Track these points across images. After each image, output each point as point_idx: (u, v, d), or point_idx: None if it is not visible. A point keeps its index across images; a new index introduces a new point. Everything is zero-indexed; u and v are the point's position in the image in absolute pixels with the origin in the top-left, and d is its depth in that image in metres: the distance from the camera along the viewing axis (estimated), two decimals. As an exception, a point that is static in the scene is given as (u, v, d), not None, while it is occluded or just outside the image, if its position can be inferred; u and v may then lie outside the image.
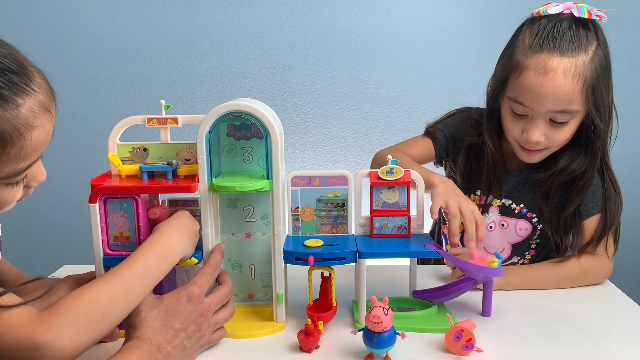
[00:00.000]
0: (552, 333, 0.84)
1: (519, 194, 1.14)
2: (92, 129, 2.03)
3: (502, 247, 1.17)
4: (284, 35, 1.97)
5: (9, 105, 0.59)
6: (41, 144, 0.65)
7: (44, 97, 0.64)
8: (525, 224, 1.14)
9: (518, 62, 0.99)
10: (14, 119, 0.60)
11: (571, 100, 0.96)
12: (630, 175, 2.03)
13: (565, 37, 0.95)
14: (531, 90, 0.96)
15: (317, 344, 0.79)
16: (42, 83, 0.64)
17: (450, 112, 1.21)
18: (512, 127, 1.04)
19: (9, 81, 0.60)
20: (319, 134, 2.04)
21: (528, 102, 0.98)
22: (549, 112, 0.97)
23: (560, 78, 0.94)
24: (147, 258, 0.72)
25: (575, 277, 1.03)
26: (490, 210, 1.15)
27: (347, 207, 0.89)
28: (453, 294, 0.91)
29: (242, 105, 0.80)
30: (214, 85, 2.01)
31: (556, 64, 0.95)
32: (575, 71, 0.95)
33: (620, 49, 1.94)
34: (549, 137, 1.01)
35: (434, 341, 0.80)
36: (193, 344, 0.74)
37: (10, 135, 0.60)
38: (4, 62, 0.60)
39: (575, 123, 1.01)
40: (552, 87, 0.95)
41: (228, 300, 0.80)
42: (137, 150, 0.87)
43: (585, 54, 0.96)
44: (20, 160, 0.63)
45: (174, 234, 0.77)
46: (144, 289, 0.71)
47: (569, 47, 0.95)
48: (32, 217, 2.08)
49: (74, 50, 1.97)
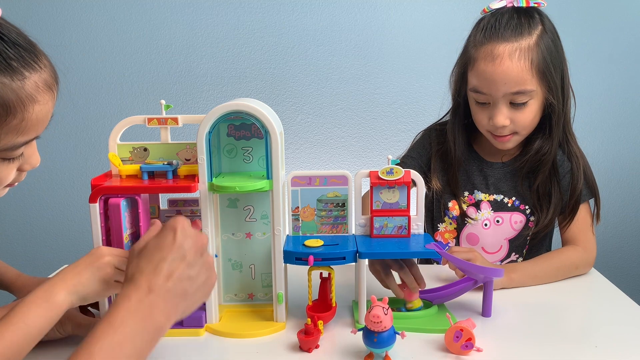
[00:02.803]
0: (552, 333, 0.84)
1: (508, 187, 1.17)
2: (92, 129, 2.03)
3: (500, 245, 1.17)
4: (284, 35, 1.97)
5: (16, 75, 0.62)
6: (41, 121, 0.67)
7: (49, 77, 0.67)
8: (519, 216, 1.16)
9: (470, 56, 1.08)
10: (19, 89, 0.63)
11: (523, 80, 1.03)
12: (630, 175, 2.03)
13: (507, 27, 1.05)
14: (484, 78, 1.05)
15: (317, 344, 0.79)
16: (48, 64, 0.68)
17: (414, 137, 1.28)
18: (480, 118, 1.10)
19: (18, 54, 0.63)
20: (319, 134, 2.04)
21: (485, 89, 1.06)
22: (506, 94, 1.04)
23: (507, 61, 1.02)
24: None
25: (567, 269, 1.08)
26: (482, 206, 1.17)
27: (347, 207, 0.90)
28: (453, 294, 0.91)
29: (242, 105, 0.80)
30: (214, 85, 2.01)
31: (501, 50, 1.03)
32: (520, 53, 1.03)
33: (621, 50, 1.96)
34: (513, 120, 1.06)
35: (434, 341, 0.80)
36: (199, 272, 0.62)
37: (14, 104, 0.62)
38: (16, 38, 0.64)
39: (535, 104, 1.06)
40: (501, 71, 1.03)
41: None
42: (138, 150, 0.87)
43: (529, 38, 1.04)
44: (19, 133, 0.65)
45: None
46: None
47: (512, 34, 1.04)
48: (32, 217, 2.08)
49: (74, 50, 1.97)
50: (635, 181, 2.03)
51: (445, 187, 1.20)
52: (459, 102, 1.16)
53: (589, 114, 1.96)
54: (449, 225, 1.21)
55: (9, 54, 0.62)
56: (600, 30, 1.94)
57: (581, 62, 1.92)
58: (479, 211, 1.18)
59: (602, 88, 1.96)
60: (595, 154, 1.98)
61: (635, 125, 1.99)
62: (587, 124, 1.96)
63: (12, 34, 0.63)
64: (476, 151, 1.20)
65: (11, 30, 0.64)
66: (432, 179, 1.18)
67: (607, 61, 1.95)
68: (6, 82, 0.62)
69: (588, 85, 1.95)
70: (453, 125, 1.17)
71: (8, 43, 0.62)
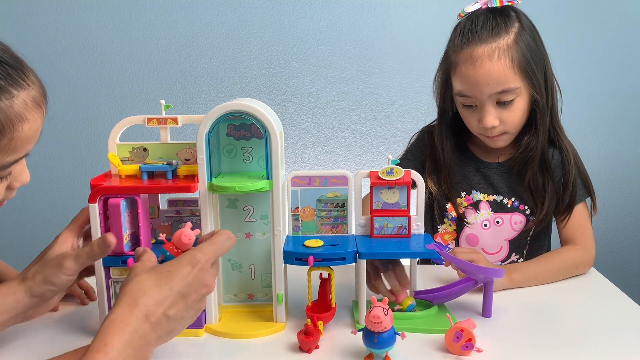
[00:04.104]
0: (552, 333, 0.84)
1: (507, 187, 1.17)
2: (92, 129, 2.03)
3: (500, 246, 1.17)
4: (284, 35, 1.97)
5: (3, 94, 0.61)
6: (30, 139, 0.66)
7: (37, 94, 0.66)
8: (519, 217, 1.16)
9: (451, 61, 1.09)
10: (8, 108, 0.61)
11: (505, 79, 1.04)
12: (630, 175, 2.03)
13: (484, 28, 1.05)
14: (467, 81, 1.06)
15: (317, 344, 0.79)
16: (35, 81, 0.66)
17: (410, 139, 1.28)
18: (469, 121, 1.11)
19: (5, 72, 0.61)
20: (319, 134, 2.04)
21: (470, 92, 1.06)
22: (492, 95, 1.05)
23: (487, 63, 1.03)
24: None
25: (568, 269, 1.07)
26: (481, 206, 1.17)
27: (347, 207, 0.89)
28: (453, 295, 0.91)
29: (242, 105, 0.80)
30: (214, 85, 2.01)
31: (480, 51, 1.04)
32: (499, 53, 1.03)
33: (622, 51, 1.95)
34: (502, 119, 1.07)
35: (434, 341, 0.80)
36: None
37: (2, 124, 0.61)
38: (2, 55, 0.61)
39: (522, 101, 1.07)
40: (482, 73, 1.04)
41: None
42: (137, 150, 0.87)
43: (506, 36, 1.05)
44: (9, 152, 0.64)
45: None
46: None
47: (489, 35, 1.05)
48: (32, 217, 2.08)
49: (74, 50, 1.97)
50: (634, 181, 2.03)
51: (440, 189, 1.20)
52: (444, 108, 1.17)
53: (588, 113, 1.96)
54: (449, 227, 1.21)
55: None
56: (599, 27, 1.94)
57: (579, 59, 1.92)
58: (478, 212, 1.18)
59: (601, 86, 1.96)
60: (595, 153, 1.98)
61: (635, 125, 1.99)
62: (586, 122, 1.97)
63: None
64: (472, 151, 1.20)
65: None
66: (428, 181, 1.18)
67: (606, 59, 1.95)
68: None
69: (588, 83, 1.95)
70: (440, 132, 1.18)
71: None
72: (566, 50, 1.90)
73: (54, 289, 0.74)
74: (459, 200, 1.19)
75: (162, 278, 0.60)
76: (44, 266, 0.74)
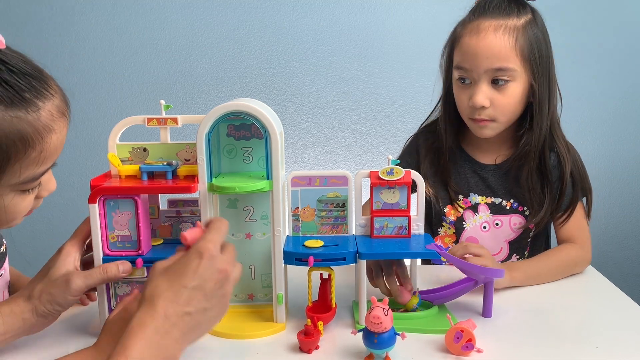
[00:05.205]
0: (552, 333, 0.84)
1: (505, 189, 1.16)
2: (92, 129, 2.03)
3: (500, 247, 1.17)
4: (284, 35, 1.97)
5: (30, 107, 0.61)
6: (57, 149, 0.66)
7: (60, 102, 0.66)
8: (518, 218, 1.16)
9: (457, 34, 1.10)
10: (36, 121, 0.62)
11: (505, 56, 1.03)
12: (630, 175, 2.03)
13: (497, 8, 1.06)
14: (468, 52, 1.06)
15: (317, 345, 0.79)
16: (57, 89, 0.66)
17: (405, 143, 1.28)
18: (461, 98, 1.10)
19: (29, 84, 0.61)
20: (319, 134, 2.04)
21: (467, 64, 1.06)
22: (488, 70, 1.04)
23: (491, 35, 1.03)
24: None
25: (567, 267, 1.07)
26: (479, 209, 1.17)
27: (347, 207, 0.89)
28: (454, 295, 0.91)
29: (242, 105, 0.80)
30: (214, 85, 2.01)
31: (487, 24, 1.04)
32: (505, 29, 1.03)
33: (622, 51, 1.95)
34: (494, 101, 1.05)
35: (434, 342, 0.80)
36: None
37: (32, 137, 0.61)
38: (24, 67, 0.62)
39: (517, 88, 1.05)
40: (484, 44, 1.03)
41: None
42: (137, 150, 0.87)
43: (516, 19, 1.05)
44: (39, 164, 0.64)
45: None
46: None
47: (500, 13, 1.05)
48: (32, 217, 2.07)
49: (73, 50, 1.97)
50: (634, 181, 2.03)
51: (438, 192, 1.18)
52: (448, 90, 1.16)
53: (588, 113, 1.96)
54: (448, 230, 1.20)
55: (21, 85, 0.60)
56: (598, 27, 1.94)
57: (579, 59, 1.92)
58: (477, 214, 1.17)
59: (601, 86, 1.96)
60: (595, 153, 1.98)
61: (635, 125, 1.99)
62: (586, 122, 1.96)
63: (19, 63, 0.61)
64: (467, 152, 1.19)
65: (18, 60, 0.62)
66: (430, 181, 1.18)
67: (606, 59, 1.95)
68: (22, 115, 0.60)
69: (588, 83, 1.95)
70: (444, 111, 1.17)
71: (18, 74, 0.61)
72: (566, 50, 1.89)
73: (60, 310, 0.76)
74: (457, 204, 1.18)
75: (173, 279, 0.59)
76: (50, 285, 0.75)
